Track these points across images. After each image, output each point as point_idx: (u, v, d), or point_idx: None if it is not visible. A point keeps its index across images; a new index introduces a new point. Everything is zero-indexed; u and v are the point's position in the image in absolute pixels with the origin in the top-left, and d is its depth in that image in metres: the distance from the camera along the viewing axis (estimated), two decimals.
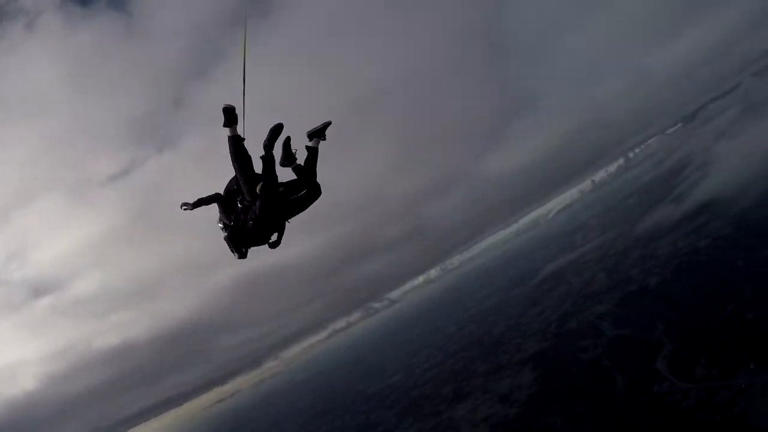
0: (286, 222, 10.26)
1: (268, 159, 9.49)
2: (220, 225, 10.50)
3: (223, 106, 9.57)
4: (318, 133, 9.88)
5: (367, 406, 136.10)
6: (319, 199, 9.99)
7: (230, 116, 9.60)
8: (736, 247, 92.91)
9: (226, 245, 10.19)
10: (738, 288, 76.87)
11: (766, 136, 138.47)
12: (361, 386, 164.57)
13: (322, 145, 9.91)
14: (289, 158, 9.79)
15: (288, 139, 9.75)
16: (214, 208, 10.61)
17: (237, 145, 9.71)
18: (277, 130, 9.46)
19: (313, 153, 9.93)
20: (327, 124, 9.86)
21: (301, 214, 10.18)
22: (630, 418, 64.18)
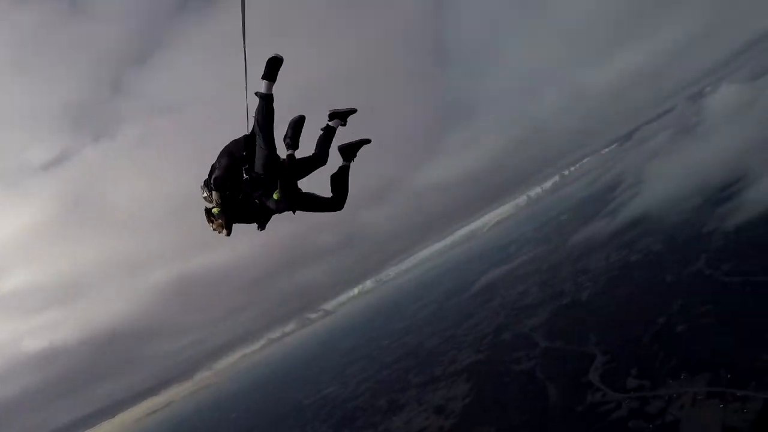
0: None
1: (293, 160, 8.82)
2: (204, 194, 9.36)
3: (272, 55, 8.25)
4: (341, 116, 9.17)
5: (302, 418, 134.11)
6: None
7: (275, 69, 8.29)
8: (666, 262, 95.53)
9: (209, 217, 9.17)
10: (668, 301, 78.58)
11: (696, 157, 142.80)
12: (296, 398, 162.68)
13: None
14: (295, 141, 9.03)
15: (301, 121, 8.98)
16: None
17: (270, 106, 8.47)
18: (299, 123, 8.77)
19: (329, 133, 9.24)
20: (352, 111, 9.18)
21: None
22: (564, 428, 64.32)
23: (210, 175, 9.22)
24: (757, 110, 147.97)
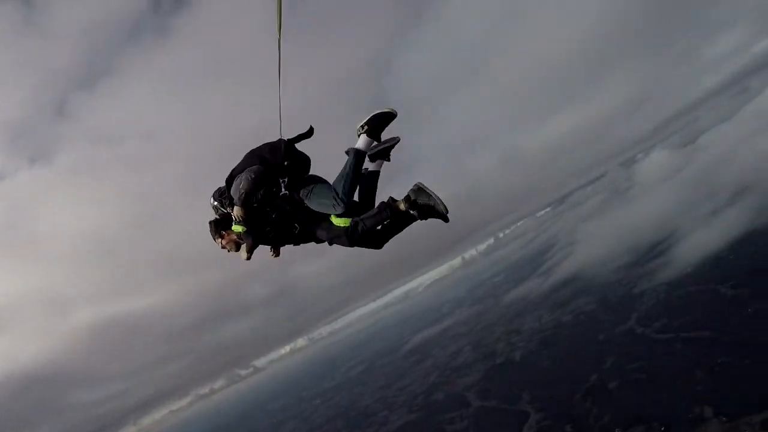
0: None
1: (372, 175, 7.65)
2: (215, 203, 7.66)
3: (387, 109, 7.16)
4: (383, 154, 7.64)
5: None
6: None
7: (383, 126, 7.24)
8: (598, 321, 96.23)
9: (216, 231, 7.63)
10: (600, 359, 78.79)
11: (627, 219, 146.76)
12: None
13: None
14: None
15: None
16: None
17: (360, 166, 7.22)
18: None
19: (374, 179, 7.69)
20: (396, 142, 7.63)
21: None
22: None
23: (228, 183, 7.45)
24: (686, 175, 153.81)
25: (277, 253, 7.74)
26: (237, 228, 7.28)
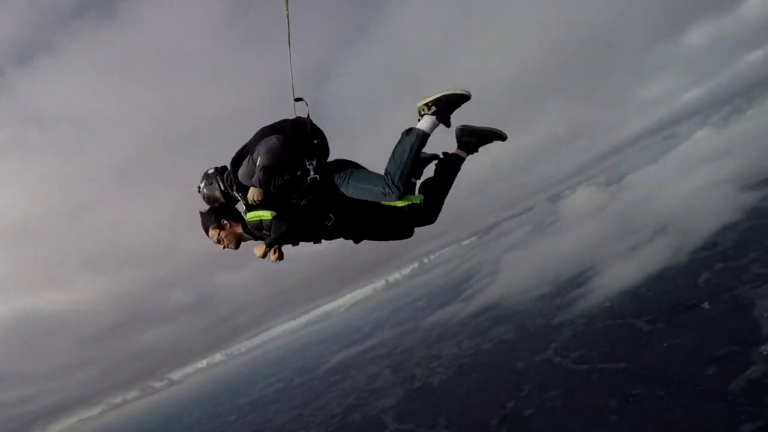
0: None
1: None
2: (205, 187, 6.45)
3: (461, 91, 5.94)
4: (482, 139, 6.47)
5: None
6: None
7: (453, 108, 6.03)
8: (517, 350, 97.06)
9: (211, 222, 6.40)
10: (518, 387, 79.38)
11: (550, 251, 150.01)
12: None
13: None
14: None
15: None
16: None
17: (422, 148, 6.09)
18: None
19: (454, 164, 6.54)
20: (500, 136, 6.48)
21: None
22: None
23: (235, 164, 6.20)
24: (609, 212, 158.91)
25: (280, 256, 6.35)
26: (255, 215, 6.11)
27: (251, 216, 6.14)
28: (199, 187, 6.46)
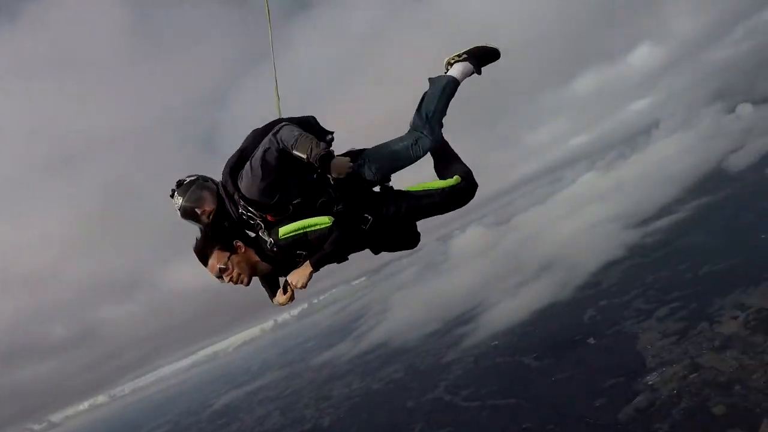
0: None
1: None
2: (179, 203, 4.70)
3: (494, 45, 5.38)
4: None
5: None
6: None
7: (485, 62, 5.36)
8: (407, 389, 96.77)
9: (209, 248, 4.62)
10: (409, 425, 79.37)
11: (438, 291, 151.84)
12: None
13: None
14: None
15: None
16: None
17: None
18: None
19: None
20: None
21: None
22: None
23: (233, 171, 4.61)
24: (498, 251, 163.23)
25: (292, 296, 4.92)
26: (298, 227, 4.59)
27: (290, 230, 4.60)
28: (179, 202, 4.70)
